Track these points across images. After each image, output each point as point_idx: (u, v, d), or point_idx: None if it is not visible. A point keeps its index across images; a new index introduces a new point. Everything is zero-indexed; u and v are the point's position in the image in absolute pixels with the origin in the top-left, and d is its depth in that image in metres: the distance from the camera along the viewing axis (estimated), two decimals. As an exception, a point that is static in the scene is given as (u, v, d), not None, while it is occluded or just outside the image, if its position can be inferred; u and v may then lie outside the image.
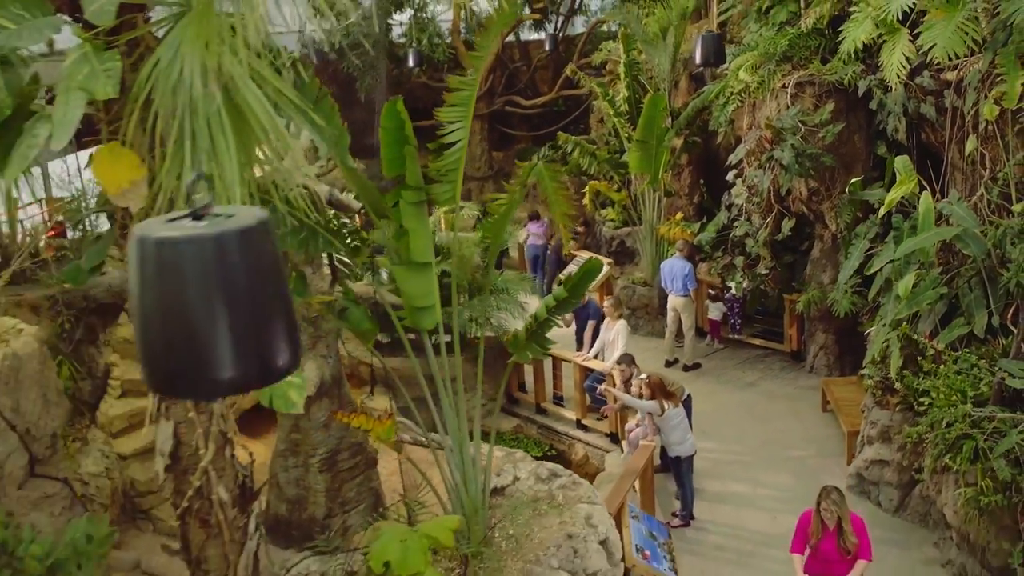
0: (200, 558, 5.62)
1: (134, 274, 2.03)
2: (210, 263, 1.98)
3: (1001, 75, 9.43)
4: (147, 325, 2.04)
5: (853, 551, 7.66)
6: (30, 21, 4.59)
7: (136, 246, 2.00)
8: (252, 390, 2.13)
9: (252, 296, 2.02)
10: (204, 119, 4.51)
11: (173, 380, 2.07)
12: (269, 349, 2.08)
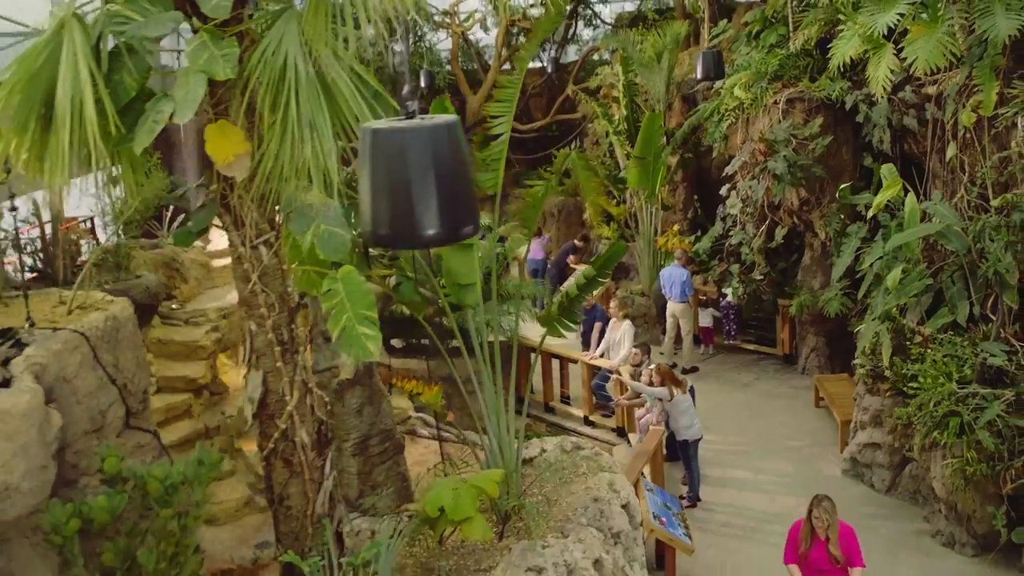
0: (283, 495, 6.30)
1: (366, 159, 2.79)
2: (425, 147, 2.74)
3: (978, 86, 10.33)
4: (376, 195, 2.80)
5: (843, 560, 7.73)
6: (155, 15, 5.34)
7: (370, 137, 2.77)
8: (447, 245, 2.89)
9: (451, 174, 2.79)
10: (306, 96, 5.27)
11: (394, 236, 2.82)
12: (460, 216, 2.84)
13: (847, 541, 7.78)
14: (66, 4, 5.33)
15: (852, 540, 7.80)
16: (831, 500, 7.86)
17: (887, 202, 11.24)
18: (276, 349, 6.02)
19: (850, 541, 7.80)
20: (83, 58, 5.13)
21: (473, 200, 2.90)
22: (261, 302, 5.95)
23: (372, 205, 2.80)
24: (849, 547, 7.77)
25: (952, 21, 10.28)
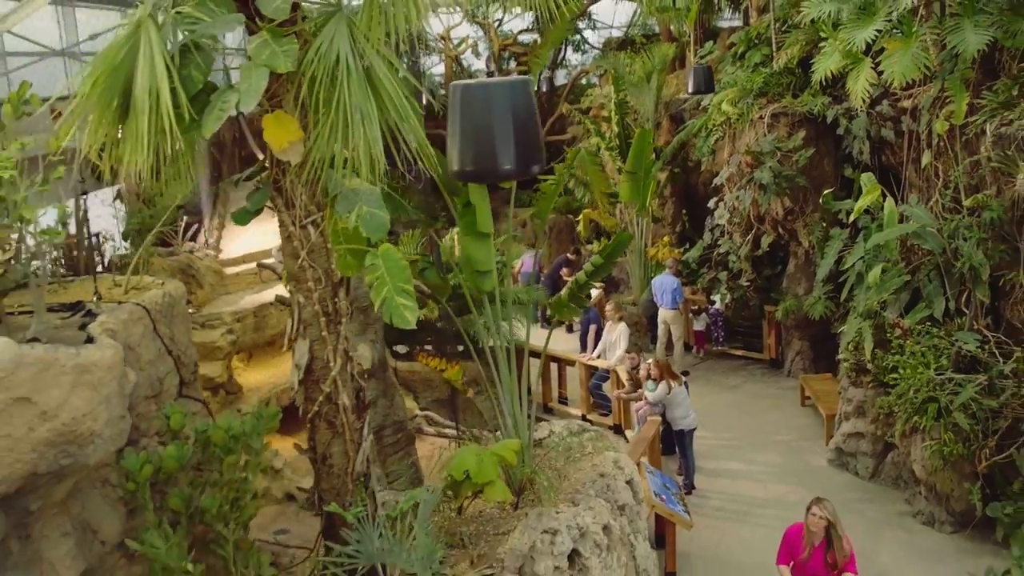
0: (326, 454, 6.89)
1: (456, 110, 3.47)
2: (505, 99, 3.42)
3: (950, 97, 11.11)
4: (464, 138, 3.48)
5: (841, 565, 7.81)
6: (221, 16, 6.01)
7: (460, 91, 3.44)
8: (519, 179, 3.56)
9: (524, 122, 3.47)
10: (357, 88, 5.94)
11: (477, 172, 3.50)
12: (531, 156, 3.51)
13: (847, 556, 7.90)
14: (141, 6, 5.99)
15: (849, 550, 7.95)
16: (830, 502, 8.04)
17: (867, 207, 12.01)
18: (321, 320, 6.63)
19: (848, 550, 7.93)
20: (158, 53, 5.77)
21: (540, 145, 3.57)
22: (308, 277, 6.57)
23: (460, 147, 3.49)
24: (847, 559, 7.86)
25: (925, 37, 11.08)
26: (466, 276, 8.39)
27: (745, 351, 16.63)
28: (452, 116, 3.50)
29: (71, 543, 6.03)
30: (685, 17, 18.66)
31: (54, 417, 5.41)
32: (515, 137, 3.42)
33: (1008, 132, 10.17)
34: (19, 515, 5.73)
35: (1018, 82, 10.40)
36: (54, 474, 5.60)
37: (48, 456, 5.47)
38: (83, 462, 5.68)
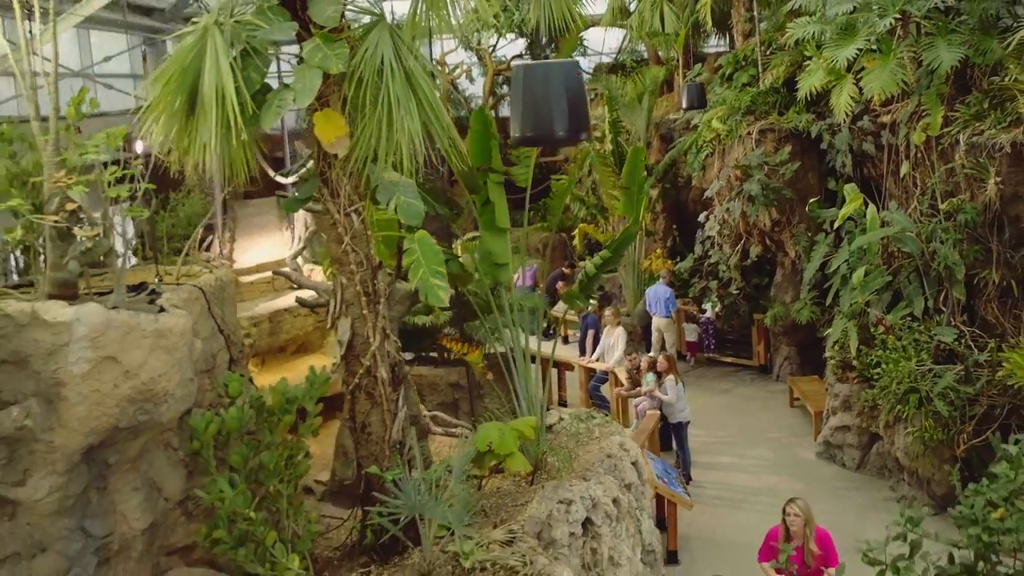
0: (365, 423, 7.53)
1: (519, 86, 4.20)
2: (559, 77, 4.15)
3: (926, 110, 11.96)
4: (525, 109, 4.20)
5: (813, 564, 8.04)
6: (278, 23, 6.73)
7: (522, 71, 4.17)
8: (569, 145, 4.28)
9: (575, 97, 4.20)
10: (400, 87, 6.67)
11: (535, 137, 4.22)
12: (580, 126, 4.24)
13: (823, 543, 8.13)
14: (208, 14, 6.71)
15: (828, 542, 8.16)
16: (805, 501, 8.28)
17: (850, 215, 12.82)
18: (362, 299, 7.31)
19: (826, 543, 8.15)
20: (223, 56, 6.48)
21: (588, 117, 4.30)
22: (351, 260, 7.26)
23: (521, 117, 4.21)
24: (825, 548, 8.10)
25: (902, 55, 11.94)
26: (484, 268, 9.09)
27: (735, 358, 17.36)
28: (515, 91, 4.24)
29: (140, 497, 6.66)
30: (674, 42, 19.51)
31: (135, 376, 6.07)
32: (568, 109, 4.15)
33: (980, 141, 10.99)
34: (99, 468, 6.37)
35: (988, 95, 11.24)
36: (131, 430, 6.25)
37: (128, 412, 6.12)
38: (157, 419, 6.33)
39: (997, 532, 4.53)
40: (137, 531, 6.64)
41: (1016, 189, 10.67)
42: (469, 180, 8.75)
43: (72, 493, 6.20)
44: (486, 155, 8.72)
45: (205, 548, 7.11)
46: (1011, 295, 10.97)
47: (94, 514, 6.40)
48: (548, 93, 4.14)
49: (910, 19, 12.06)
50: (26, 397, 5.96)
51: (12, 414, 5.88)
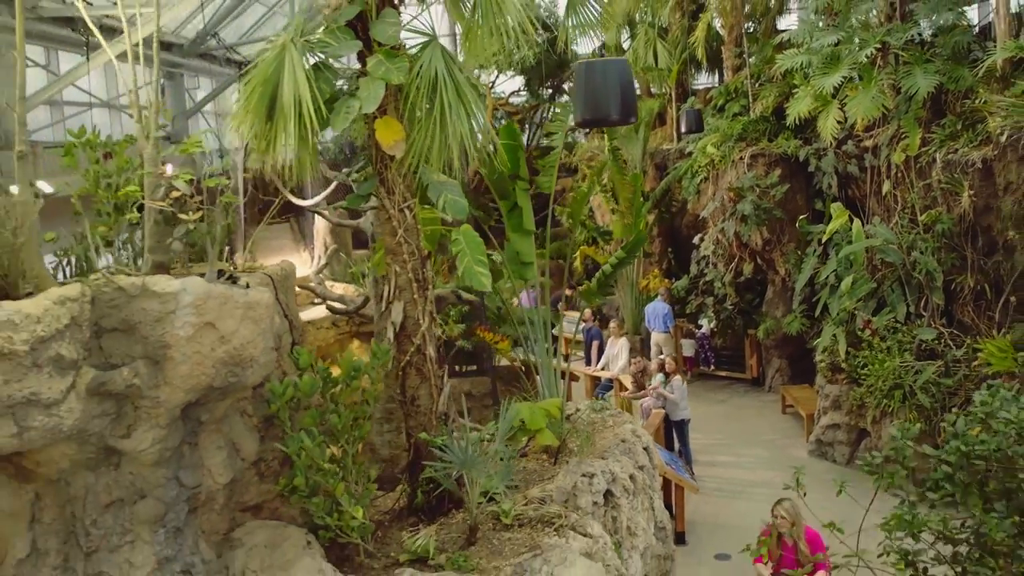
0: (414, 396, 8.44)
1: (582, 78, 5.22)
2: (614, 72, 5.18)
3: (905, 133, 13.09)
4: (588, 96, 5.21)
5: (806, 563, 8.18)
6: (345, 41, 7.75)
7: (584, 67, 5.19)
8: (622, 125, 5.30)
9: (626, 87, 5.22)
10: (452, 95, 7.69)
11: (595, 119, 5.23)
12: (630, 111, 5.26)
13: (813, 544, 8.32)
14: (285, 32, 7.73)
15: (818, 543, 8.33)
16: (792, 502, 8.39)
17: (836, 230, 13.90)
18: (413, 285, 8.28)
19: (816, 544, 8.31)
20: (299, 69, 7.50)
21: (635, 104, 5.32)
22: (404, 251, 8.22)
23: (584, 103, 5.23)
24: (815, 550, 8.25)
25: (883, 83, 13.10)
26: (512, 268, 10.08)
27: (729, 371, 18.36)
28: (578, 83, 5.25)
29: (223, 455, 7.55)
30: (667, 77, 20.71)
31: (228, 341, 6.99)
32: (620, 97, 5.17)
33: (954, 159, 12.11)
34: (192, 425, 7.26)
35: (961, 118, 12.38)
36: (221, 390, 7.16)
37: (221, 373, 7.03)
38: (243, 382, 7.24)
39: (973, 443, 5.49)
40: (220, 485, 7.52)
41: (987, 201, 11.77)
42: (499, 186, 9.75)
43: (170, 446, 7.09)
44: (515, 164, 9.74)
45: (271, 510, 8.02)
46: (985, 298, 12.02)
47: (186, 466, 7.28)
48: (605, 84, 5.16)
49: (889, 50, 13.24)
50: (133, 359, 6.87)
51: (123, 373, 6.79)
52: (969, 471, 5.83)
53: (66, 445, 6.69)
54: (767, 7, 18.40)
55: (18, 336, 6.28)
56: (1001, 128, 11.09)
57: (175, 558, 7.23)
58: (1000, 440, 5.67)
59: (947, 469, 5.99)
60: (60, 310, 6.60)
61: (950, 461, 5.96)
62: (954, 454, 5.80)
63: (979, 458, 5.79)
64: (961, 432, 5.81)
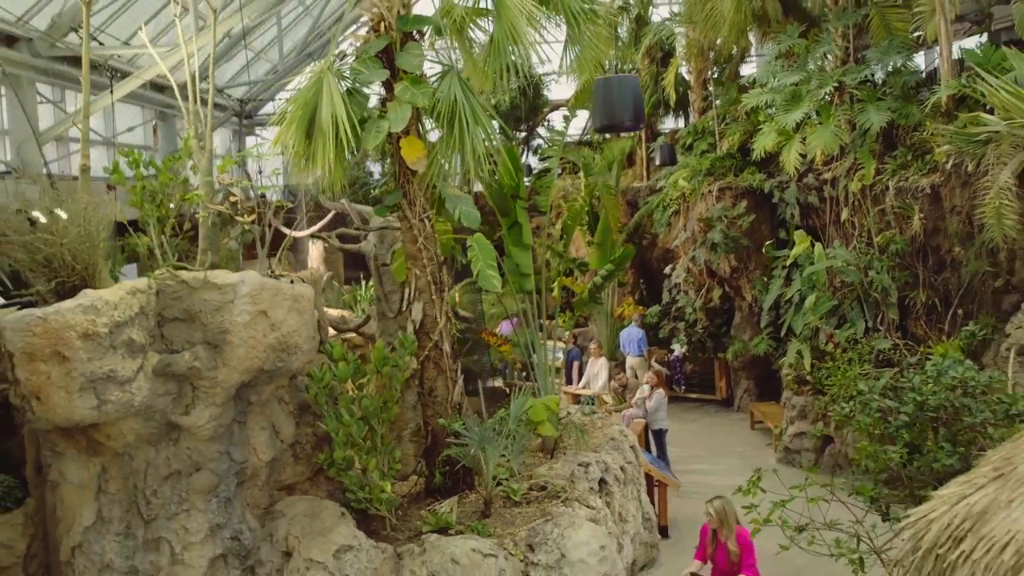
0: (431, 388, 9.37)
1: (600, 91, 6.32)
2: (628, 86, 6.29)
3: (860, 164, 14.36)
4: (604, 106, 6.30)
5: (738, 562, 8.29)
6: (375, 70, 8.80)
7: (602, 82, 6.29)
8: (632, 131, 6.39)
9: (636, 98, 6.32)
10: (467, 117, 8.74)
11: (610, 125, 6.32)
12: (639, 119, 6.36)
13: (743, 545, 8.34)
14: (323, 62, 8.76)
15: (746, 544, 8.33)
16: (724, 499, 8.57)
17: (799, 256, 15.10)
18: (432, 287, 9.25)
19: (745, 545, 8.32)
20: (336, 93, 8.53)
21: (644, 114, 6.41)
22: (423, 256, 9.21)
23: (601, 111, 6.31)
24: (744, 551, 8.31)
25: (840, 118, 14.39)
26: (513, 279, 11.10)
27: (700, 393, 19.43)
28: (596, 95, 6.32)
29: (266, 435, 8.44)
30: (637, 119, 21.99)
31: (278, 329, 7.93)
32: (631, 106, 6.25)
33: (905, 186, 13.37)
34: (242, 406, 8.16)
35: (911, 149, 13.67)
36: (270, 373, 8.08)
37: (271, 358, 7.96)
38: (288, 367, 8.17)
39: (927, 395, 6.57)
40: (263, 462, 8.41)
41: (935, 223, 13.02)
42: (501, 204, 10.80)
43: (223, 423, 7.99)
44: (515, 185, 10.81)
45: (303, 490, 8.90)
46: (936, 311, 13.22)
47: (236, 443, 8.17)
48: (621, 96, 6.23)
49: (845, 89, 14.56)
50: (193, 345, 7.78)
51: (185, 357, 7.70)
52: (924, 419, 6.88)
53: (134, 420, 7.59)
54: (731, 54, 19.76)
55: (100, 320, 7.20)
56: (947, 156, 12.35)
57: (225, 525, 8.10)
58: (948, 394, 6.75)
59: (906, 418, 7.00)
60: (132, 299, 7.55)
61: (908, 412, 6.98)
62: (911, 404, 6.84)
63: (932, 408, 6.85)
64: (917, 387, 6.86)
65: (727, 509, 8.47)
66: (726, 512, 8.45)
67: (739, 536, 8.36)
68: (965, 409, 6.93)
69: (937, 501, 4.33)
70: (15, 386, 7.28)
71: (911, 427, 7.33)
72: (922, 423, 7.11)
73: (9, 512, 8.73)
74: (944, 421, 7.16)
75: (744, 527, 8.32)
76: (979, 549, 3.80)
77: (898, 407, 7.31)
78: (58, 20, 14.99)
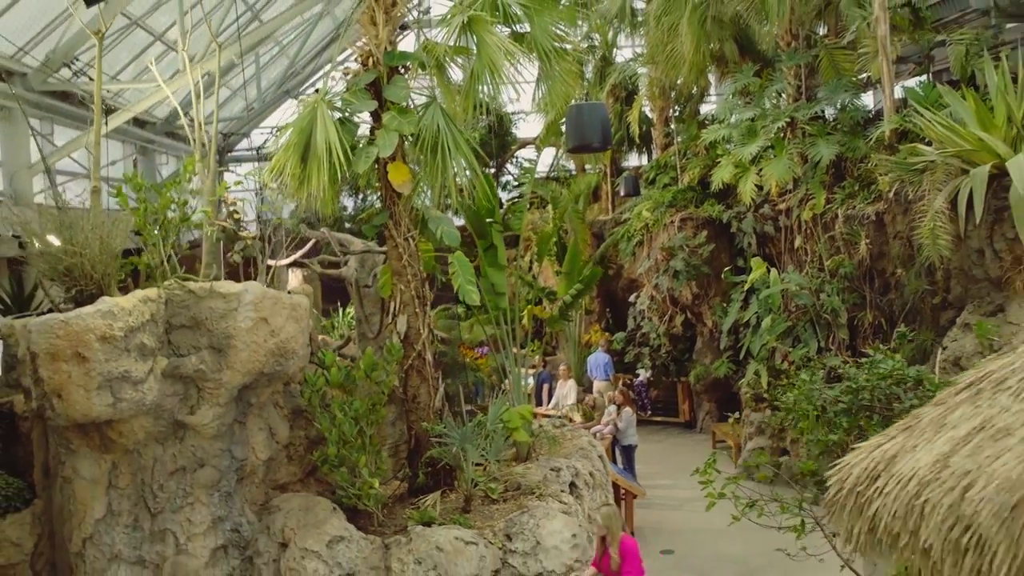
0: (415, 395, 10.08)
1: (572, 116, 7.18)
2: (597, 113, 7.15)
3: (812, 194, 15.36)
4: (576, 129, 7.16)
5: (618, 570, 8.52)
6: (364, 101, 9.62)
7: (575, 108, 7.15)
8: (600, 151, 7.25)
9: (603, 122, 7.19)
10: (449, 144, 9.57)
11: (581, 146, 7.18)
12: (606, 139, 7.22)
13: (625, 553, 8.61)
14: (316, 94, 9.56)
15: (628, 553, 8.62)
16: (611, 507, 8.92)
17: (756, 281, 16.02)
18: (415, 301, 10.00)
19: (627, 553, 8.61)
20: (329, 122, 9.33)
21: (610, 135, 7.26)
22: (408, 272, 9.97)
23: (573, 134, 7.17)
24: (625, 559, 8.57)
25: (793, 152, 15.40)
26: (488, 297, 11.88)
27: (664, 416, 20.24)
28: (569, 119, 7.17)
29: (264, 436, 9.12)
30: (602, 155, 22.96)
31: (277, 335, 8.65)
32: (600, 129, 7.10)
33: (853, 213, 14.35)
34: (243, 407, 8.84)
35: (858, 180, 14.69)
36: (268, 376, 8.78)
37: (271, 361, 8.67)
38: (286, 370, 8.88)
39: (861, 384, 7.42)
40: (260, 461, 9.08)
41: (880, 247, 13.99)
42: (478, 227, 11.62)
43: (226, 422, 8.67)
44: (491, 210, 11.63)
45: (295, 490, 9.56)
46: (882, 330, 14.14)
47: (237, 441, 8.84)
48: (591, 120, 7.07)
49: (797, 124, 15.58)
50: (199, 349, 8.47)
51: (191, 360, 8.39)
52: (859, 405, 7.72)
53: (145, 418, 8.27)
54: (691, 93, 20.84)
55: (116, 324, 7.91)
56: (890, 186, 13.35)
57: (226, 518, 8.76)
58: (880, 382, 7.62)
59: (843, 405, 7.84)
60: (144, 307, 8.26)
61: (845, 400, 7.82)
62: (849, 393, 7.69)
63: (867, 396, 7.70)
64: (851, 376, 7.71)
65: (613, 518, 8.76)
66: (612, 520, 8.73)
67: (623, 544, 8.66)
68: (895, 397, 7.79)
69: (858, 452, 5.16)
70: (37, 385, 7.94)
71: (848, 413, 8.15)
72: (858, 409, 7.95)
73: (18, 512, 9.33)
74: (878, 409, 8.01)
75: (630, 537, 8.70)
76: (890, 484, 4.62)
77: (837, 396, 8.13)
78: (52, 56, 15.69)
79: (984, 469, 4.27)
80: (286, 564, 8.55)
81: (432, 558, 8.54)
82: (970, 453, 4.43)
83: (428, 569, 8.53)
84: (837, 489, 5.16)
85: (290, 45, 25.99)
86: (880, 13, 13.72)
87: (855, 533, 4.87)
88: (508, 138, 27.68)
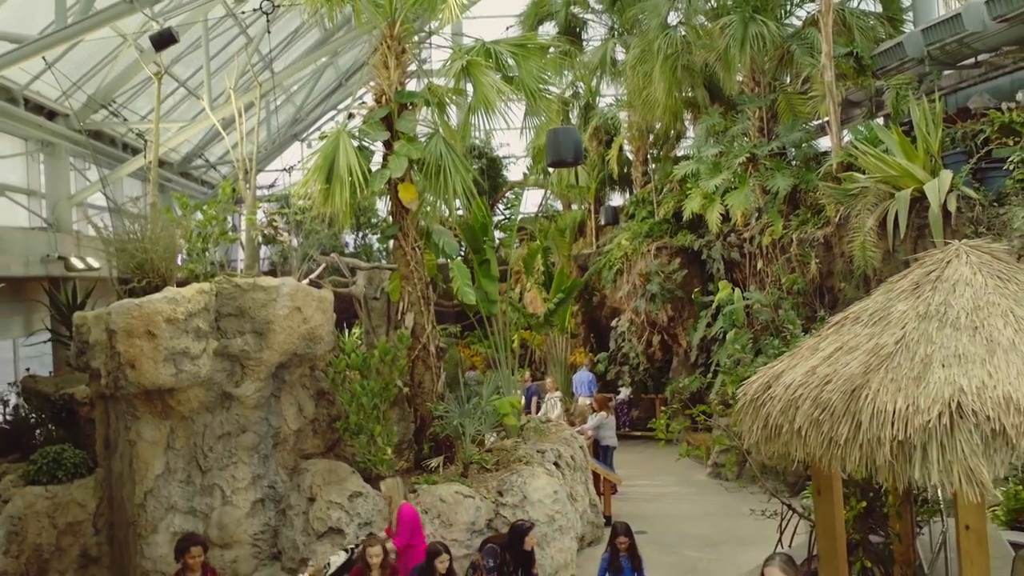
0: (420, 382, 11.81)
1: (552, 138, 9.05)
2: (571, 135, 9.03)
3: (770, 222, 17.22)
4: (554, 148, 9.01)
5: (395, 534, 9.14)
6: (378, 131, 11.45)
7: (551, 132, 9.02)
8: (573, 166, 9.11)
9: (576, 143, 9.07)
10: (450, 167, 11.40)
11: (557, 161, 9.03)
12: (578, 156, 9.07)
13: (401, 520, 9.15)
14: (339, 125, 11.41)
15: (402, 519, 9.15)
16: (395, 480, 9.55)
17: (722, 300, 17.83)
18: (421, 301, 11.78)
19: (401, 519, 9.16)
20: (350, 149, 11.16)
21: (582, 152, 9.12)
22: (415, 276, 11.75)
23: (552, 152, 9.02)
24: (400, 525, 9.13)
25: (754, 184, 17.30)
26: (482, 305, 13.64)
27: (643, 432, 21.88)
28: (548, 141, 9.00)
29: (294, 410, 10.83)
30: (587, 193, 24.91)
31: (308, 322, 10.40)
32: (572, 148, 8.93)
33: (805, 237, 16.21)
34: (278, 383, 10.56)
35: (810, 208, 16.56)
36: (300, 357, 10.52)
37: (302, 344, 10.41)
38: (314, 352, 10.62)
39: (783, 353, 9.18)
40: (291, 431, 10.78)
41: (829, 266, 15.83)
42: (473, 242, 13.43)
43: (264, 395, 10.38)
44: (485, 228, 13.45)
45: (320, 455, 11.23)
46: (832, 340, 15.89)
47: (273, 412, 10.55)
48: (566, 141, 8.89)
49: (758, 159, 17.50)
50: (243, 333, 10.21)
51: (237, 342, 10.13)
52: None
53: (199, 389, 9.98)
54: (667, 135, 22.84)
55: (179, 309, 9.66)
56: (836, 212, 15.21)
57: (264, 476, 10.44)
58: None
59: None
60: (200, 296, 10.01)
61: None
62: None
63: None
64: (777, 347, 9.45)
65: (394, 488, 9.42)
66: (393, 490, 9.39)
67: (400, 512, 9.23)
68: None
69: (758, 374, 6.93)
70: (113, 358, 9.66)
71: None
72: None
73: (83, 478, 11.02)
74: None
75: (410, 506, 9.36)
76: (777, 390, 6.40)
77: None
78: (92, 98, 17.56)
79: (838, 371, 6.07)
80: (314, 514, 10.21)
81: (436, 507, 10.23)
82: (831, 364, 6.23)
83: (433, 517, 10.22)
84: (741, 401, 6.93)
85: (296, 94, 27.98)
86: (827, 62, 15.68)
87: (753, 430, 6.65)
88: (499, 179, 29.63)
